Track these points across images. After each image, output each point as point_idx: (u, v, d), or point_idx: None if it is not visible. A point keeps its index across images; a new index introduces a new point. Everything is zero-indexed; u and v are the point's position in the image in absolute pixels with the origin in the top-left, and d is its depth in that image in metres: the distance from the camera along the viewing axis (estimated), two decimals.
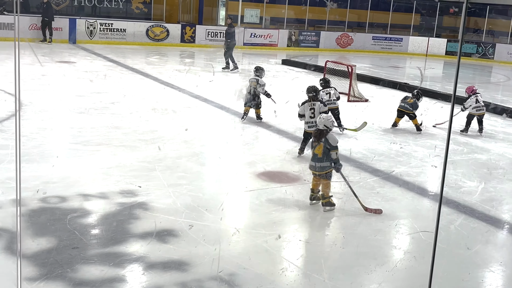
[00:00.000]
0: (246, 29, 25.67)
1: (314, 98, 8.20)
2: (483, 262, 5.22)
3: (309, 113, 8.10)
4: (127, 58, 18.93)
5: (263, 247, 5.10)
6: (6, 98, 10.65)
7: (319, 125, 6.24)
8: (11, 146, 7.55)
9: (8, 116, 9.27)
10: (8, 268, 4.37)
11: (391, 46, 28.86)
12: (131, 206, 5.78)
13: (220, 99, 12.31)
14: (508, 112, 12.69)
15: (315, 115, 7.95)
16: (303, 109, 8.21)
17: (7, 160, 6.92)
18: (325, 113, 7.32)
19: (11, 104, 10.13)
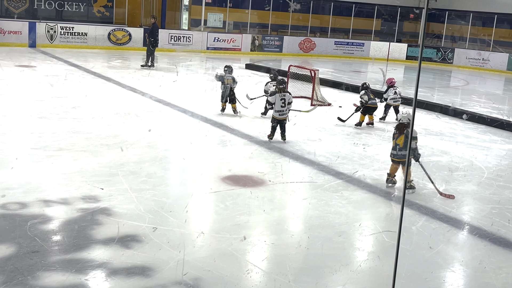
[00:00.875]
0: (209, 34, 25.62)
1: (284, 89, 9.26)
2: (445, 262, 5.31)
3: (280, 102, 9.09)
4: (89, 62, 18.67)
5: (228, 250, 5.08)
6: None
7: (402, 120, 7.34)
8: None
9: None
10: None
11: (353, 51, 29.21)
12: (93, 212, 5.68)
13: (183, 102, 12.24)
14: (468, 113, 12.96)
15: (285, 104, 9.09)
16: (274, 98, 9.15)
17: None
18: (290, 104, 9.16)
19: None
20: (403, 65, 27.68)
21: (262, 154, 8.66)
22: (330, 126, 11.03)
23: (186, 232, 5.46)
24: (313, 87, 13.45)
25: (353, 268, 5.01)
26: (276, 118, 9.14)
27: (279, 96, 9.08)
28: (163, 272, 4.57)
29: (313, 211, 6.30)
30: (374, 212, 6.61)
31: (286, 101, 9.12)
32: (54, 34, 21.92)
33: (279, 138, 9.28)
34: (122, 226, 5.39)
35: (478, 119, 12.70)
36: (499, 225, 6.21)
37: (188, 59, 22.70)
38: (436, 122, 12.29)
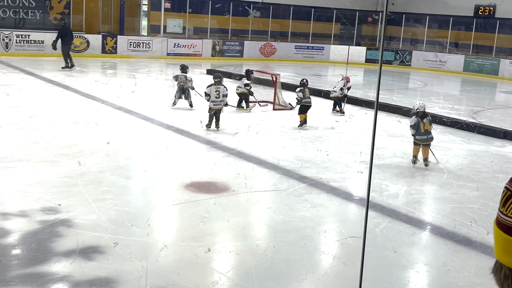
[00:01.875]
0: (170, 39, 25.46)
1: (219, 83, 10.45)
2: (409, 263, 5.36)
3: (215, 94, 10.23)
4: (46, 70, 18.31)
5: (192, 259, 5.02)
6: None
7: (420, 109, 8.62)
8: None
9: None
10: None
11: (313, 54, 29.44)
12: (53, 224, 5.54)
13: (144, 110, 12.10)
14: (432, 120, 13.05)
15: (220, 96, 10.24)
16: (210, 90, 10.29)
17: None
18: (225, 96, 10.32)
19: None
20: (362, 68, 28.03)
21: (225, 159, 8.61)
22: (292, 131, 11.06)
23: (150, 241, 5.37)
24: (275, 92, 13.48)
25: (319, 272, 5.01)
26: (212, 108, 10.26)
27: (214, 88, 10.28)
28: (127, 283, 4.48)
29: (278, 216, 6.29)
30: (338, 215, 6.65)
31: (220, 93, 10.28)
32: (9, 42, 21.43)
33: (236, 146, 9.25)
34: (83, 237, 5.27)
35: (437, 121, 12.91)
36: (461, 224, 6.31)
37: (148, 65, 22.49)
38: (397, 124, 12.46)
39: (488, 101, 19.70)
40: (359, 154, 9.45)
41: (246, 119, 12.03)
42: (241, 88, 12.85)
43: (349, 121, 12.03)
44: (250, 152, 9.02)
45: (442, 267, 5.28)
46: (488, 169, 8.99)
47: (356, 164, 8.83)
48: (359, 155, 9.33)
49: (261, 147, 9.43)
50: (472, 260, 5.47)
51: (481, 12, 28.07)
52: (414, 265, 5.38)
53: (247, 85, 12.93)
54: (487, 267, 4.27)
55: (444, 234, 6.05)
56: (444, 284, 4.97)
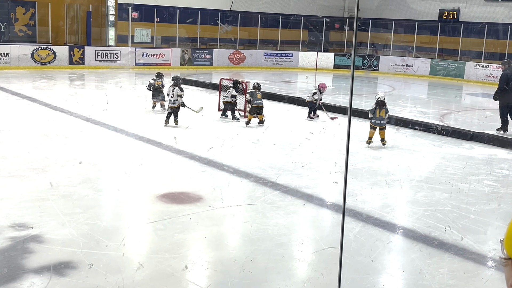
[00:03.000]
0: (138, 49, 25.30)
1: (176, 84, 11.84)
2: (383, 267, 5.40)
3: (171, 94, 11.62)
4: (12, 83, 18.00)
5: (167, 271, 4.97)
6: None
7: (381, 98, 10.61)
8: None
9: None
10: None
11: (282, 61, 29.58)
12: (24, 240, 5.44)
13: (113, 121, 11.98)
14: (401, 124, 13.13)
15: (174, 96, 11.57)
16: (168, 90, 11.81)
17: None
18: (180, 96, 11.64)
19: None
20: (331, 73, 28.27)
21: (198, 167, 8.58)
22: (264, 138, 11.08)
23: (123, 255, 5.30)
24: (245, 99, 13.48)
25: (296, 281, 5.01)
26: (169, 106, 11.68)
27: (172, 89, 11.67)
28: None
29: (252, 224, 6.28)
30: (312, 221, 6.66)
31: (175, 93, 11.59)
32: None
33: (208, 156, 9.23)
34: (55, 253, 5.17)
35: (406, 124, 13.07)
36: (433, 227, 6.39)
37: (116, 75, 22.30)
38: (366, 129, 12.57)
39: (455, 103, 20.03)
40: (330, 160, 9.52)
41: (221, 129, 12.00)
42: (227, 98, 13.08)
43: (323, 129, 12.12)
44: (222, 160, 8.99)
45: (416, 270, 5.33)
46: (458, 171, 9.13)
47: (328, 170, 8.88)
48: (331, 161, 9.40)
49: (235, 157, 9.42)
50: (445, 262, 5.54)
51: (445, 17, 28.61)
52: (388, 269, 5.42)
53: (234, 96, 13.06)
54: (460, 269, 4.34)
55: (417, 237, 6.12)
56: (418, 287, 5.01)
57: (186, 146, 9.95)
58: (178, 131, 11.20)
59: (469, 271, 5.36)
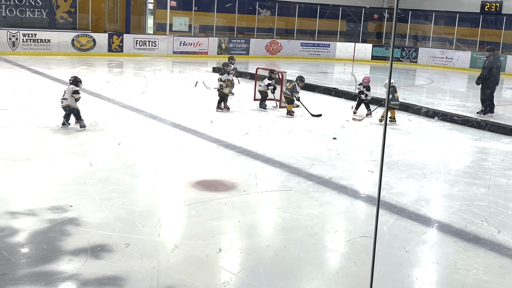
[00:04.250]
0: (175, 38, 25.48)
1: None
2: (416, 261, 5.35)
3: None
4: (52, 69, 18.37)
5: (200, 257, 5.02)
6: None
7: (393, 83, 12.43)
8: None
9: None
10: None
11: (319, 52, 29.40)
12: (61, 223, 5.57)
13: (151, 108, 12.12)
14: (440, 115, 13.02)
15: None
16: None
17: None
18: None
19: None
20: (368, 65, 27.98)
21: (233, 158, 8.63)
22: (298, 128, 11.07)
23: (158, 240, 5.38)
24: (281, 89, 13.47)
25: (328, 271, 5.01)
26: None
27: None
28: (135, 282, 4.49)
29: (285, 213, 6.29)
30: (346, 212, 6.64)
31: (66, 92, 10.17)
32: (16, 41, 21.51)
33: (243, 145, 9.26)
34: (91, 236, 5.29)
35: (444, 117, 12.87)
36: (468, 221, 6.30)
37: (153, 63, 22.53)
38: (404, 121, 12.43)
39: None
40: (366, 152, 9.45)
41: (256, 118, 12.02)
42: (261, 87, 13.23)
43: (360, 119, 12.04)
44: (257, 151, 9.02)
45: (450, 264, 5.27)
46: (497, 166, 8.95)
47: (364, 162, 8.83)
48: (366, 153, 9.33)
49: (269, 146, 9.44)
50: (480, 258, 5.46)
51: (487, 9, 27.96)
52: (422, 262, 5.36)
53: (269, 85, 13.11)
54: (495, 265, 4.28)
55: (453, 231, 6.04)
56: (452, 281, 4.96)
57: (221, 133, 10.01)
58: (214, 119, 11.26)
59: (505, 267, 5.26)
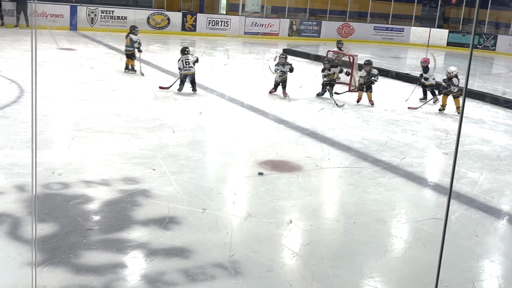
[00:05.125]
0: (247, 18, 25.57)
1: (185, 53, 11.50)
2: (484, 252, 5.24)
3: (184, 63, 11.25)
4: None
5: (264, 234, 5.11)
6: (7, 84, 10.65)
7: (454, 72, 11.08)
8: (13, 132, 7.56)
9: (10, 102, 9.27)
10: (11, 252, 4.39)
11: (393, 36, 28.79)
12: (133, 193, 5.79)
13: (221, 87, 12.30)
14: None
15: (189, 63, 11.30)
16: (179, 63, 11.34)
17: (9, 146, 6.93)
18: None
19: (13, 90, 10.13)
20: (443, 51, 27.16)
21: (299, 139, 8.65)
22: (367, 113, 10.94)
23: (224, 215, 5.51)
24: (351, 73, 13.32)
25: (390, 256, 4.99)
26: (185, 73, 11.27)
27: (183, 59, 11.30)
28: (201, 254, 4.63)
29: (350, 197, 6.29)
30: (413, 200, 6.55)
31: (189, 60, 11.29)
32: (94, 17, 22.22)
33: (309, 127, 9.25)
34: (161, 208, 5.47)
35: None
36: None
37: (225, 44, 22.74)
38: (477, 110, 12.05)
39: None
40: (434, 139, 9.25)
41: (321, 100, 11.97)
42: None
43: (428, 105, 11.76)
44: (324, 133, 9.01)
45: None
46: None
47: (433, 149, 8.65)
48: (435, 141, 9.13)
49: (336, 129, 9.40)
50: None
51: None
52: (489, 254, 5.24)
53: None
54: None
55: None
56: None
57: (289, 115, 10.04)
58: (282, 102, 11.30)
59: None
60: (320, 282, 4.36)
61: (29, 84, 10.62)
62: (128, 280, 4.17)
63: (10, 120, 8.24)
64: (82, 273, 4.17)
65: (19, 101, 9.41)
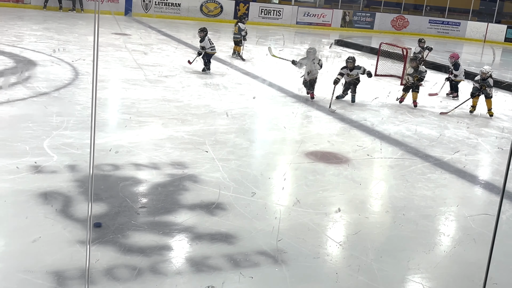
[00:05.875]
0: (300, 8, 25.44)
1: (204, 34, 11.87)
2: None
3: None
4: (181, 32, 19.08)
5: (309, 225, 5.11)
6: (62, 67, 10.94)
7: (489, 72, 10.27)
8: (67, 113, 7.77)
9: (65, 84, 9.52)
10: (63, 230, 4.53)
11: (448, 30, 28.13)
12: (181, 178, 5.87)
13: (270, 76, 12.29)
14: None
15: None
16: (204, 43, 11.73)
17: (63, 127, 7.13)
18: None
19: (68, 73, 10.40)
20: (500, 47, 26.37)
21: (347, 131, 8.58)
22: (419, 107, 10.74)
23: (269, 204, 5.53)
24: (404, 66, 13.10)
25: (437, 252, 4.91)
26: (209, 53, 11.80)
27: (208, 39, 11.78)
28: (245, 241, 4.66)
29: (398, 192, 6.20)
30: (462, 197, 6.41)
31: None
32: (149, 3, 22.53)
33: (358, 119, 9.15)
34: (207, 193, 5.54)
35: None
36: None
37: (276, 33, 22.68)
38: None
39: None
40: (488, 137, 9.02)
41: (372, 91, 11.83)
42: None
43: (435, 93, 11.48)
44: (373, 126, 8.91)
45: None
46: None
47: (485, 147, 8.43)
48: (489, 138, 8.90)
49: (385, 122, 9.28)
50: None
51: None
52: None
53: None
54: None
55: None
56: None
57: (337, 106, 9.95)
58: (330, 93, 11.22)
59: None
60: (364, 275, 4.34)
61: (83, 67, 10.88)
62: (173, 262, 4.24)
63: (64, 102, 8.47)
64: (129, 253, 4.27)
65: (73, 83, 9.66)
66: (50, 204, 4.97)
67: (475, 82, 10.54)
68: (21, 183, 5.33)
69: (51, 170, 5.73)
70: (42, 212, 4.81)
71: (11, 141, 6.47)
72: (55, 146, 6.41)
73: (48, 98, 8.58)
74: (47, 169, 5.75)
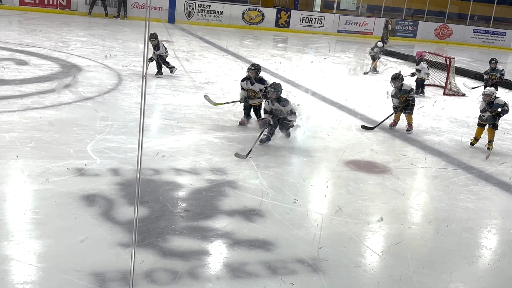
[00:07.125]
0: (342, 16, 25.34)
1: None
2: None
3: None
4: (222, 40, 19.23)
5: (347, 234, 5.07)
6: (107, 72, 11.16)
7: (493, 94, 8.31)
8: (111, 118, 7.91)
9: (109, 89, 9.71)
10: (104, 232, 4.61)
11: (493, 40, 27.59)
12: (220, 184, 5.91)
13: (310, 84, 12.27)
14: None
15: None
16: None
17: (106, 131, 7.27)
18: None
19: (112, 78, 10.60)
20: None
21: (388, 141, 8.50)
22: (462, 118, 10.56)
23: (307, 212, 5.51)
24: (447, 76, 12.91)
25: (479, 266, 4.80)
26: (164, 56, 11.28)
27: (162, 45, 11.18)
28: (283, 248, 4.66)
29: (439, 204, 6.10)
30: (505, 210, 6.27)
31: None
32: (192, 11, 22.81)
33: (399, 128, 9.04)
34: (246, 200, 5.56)
35: None
36: None
37: (317, 41, 22.64)
38: None
39: None
40: None
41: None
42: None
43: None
44: (413, 136, 8.80)
45: None
46: None
47: None
48: None
49: (428, 132, 9.14)
50: None
51: None
52: None
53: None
54: None
55: None
56: None
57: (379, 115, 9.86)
58: (371, 103, 11.11)
59: None
60: (404, 286, 4.28)
61: (127, 73, 11.07)
62: (211, 267, 4.27)
63: (108, 107, 8.63)
64: (168, 257, 4.32)
65: (117, 89, 9.84)
66: (96, 205, 5.06)
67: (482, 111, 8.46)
68: (65, 185, 5.46)
69: (94, 173, 5.85)
70: (88, 214, 4.91)
71: (56, 144, 6.64)
72: (98, 150, 6.54)
73: (93, 103, 8.76)
74: (90, 172, 5.87)
